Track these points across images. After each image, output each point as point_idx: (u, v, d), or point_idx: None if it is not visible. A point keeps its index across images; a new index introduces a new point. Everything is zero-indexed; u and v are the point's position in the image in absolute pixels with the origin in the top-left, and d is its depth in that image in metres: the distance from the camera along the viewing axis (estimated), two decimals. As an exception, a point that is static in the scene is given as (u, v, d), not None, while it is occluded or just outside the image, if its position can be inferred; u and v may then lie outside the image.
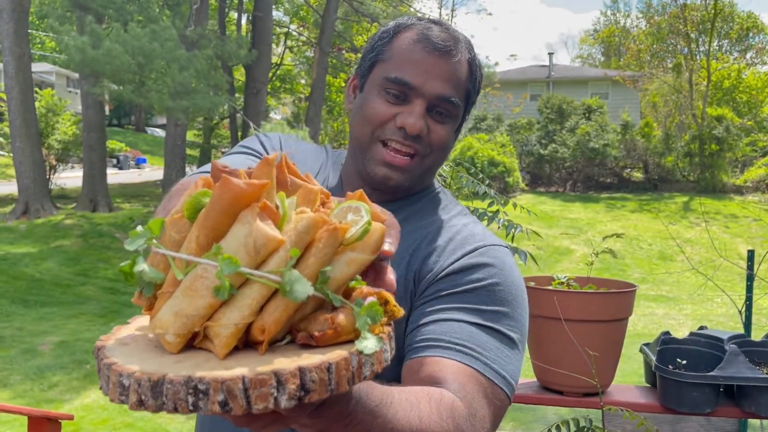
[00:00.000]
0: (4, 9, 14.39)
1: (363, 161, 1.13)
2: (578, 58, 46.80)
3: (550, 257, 13.95)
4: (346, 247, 0.64)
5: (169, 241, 0.62)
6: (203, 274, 0.58)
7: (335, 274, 0.63)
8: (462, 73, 1.12)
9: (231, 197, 0.59)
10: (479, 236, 1.11)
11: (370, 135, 1.11)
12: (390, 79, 1.10)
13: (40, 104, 16.76)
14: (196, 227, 0.60)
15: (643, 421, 1.73)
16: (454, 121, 1.15)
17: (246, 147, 1.23)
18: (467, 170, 2.50)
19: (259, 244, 0.58)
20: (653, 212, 17.69)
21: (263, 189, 0.60)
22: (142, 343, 0.64)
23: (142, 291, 0.64)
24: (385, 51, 1.14)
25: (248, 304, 0.59)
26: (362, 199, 0.68)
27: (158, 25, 13.47)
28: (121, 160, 26.76)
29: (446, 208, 1.19)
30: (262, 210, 0.59)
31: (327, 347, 0.61)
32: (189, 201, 0.62)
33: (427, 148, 1.11)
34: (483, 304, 1.01)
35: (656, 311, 10.55)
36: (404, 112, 1.09)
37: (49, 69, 32.06)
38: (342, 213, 0.67)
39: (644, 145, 20.74)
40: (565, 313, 1.87)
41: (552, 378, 1.98)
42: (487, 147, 19.00)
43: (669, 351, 1.97)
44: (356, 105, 1.17)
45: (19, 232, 13.68)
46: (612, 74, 26.61)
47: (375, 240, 0.64)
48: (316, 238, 0.61)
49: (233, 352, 0.60)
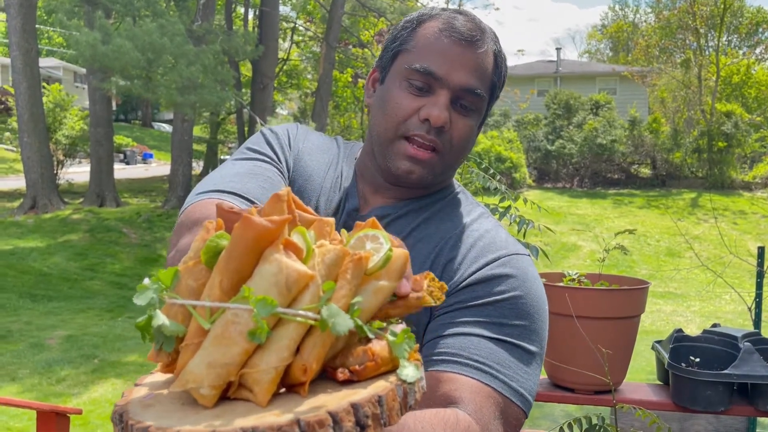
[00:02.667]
0: (12, 4, 14.42)
1: (384, 156, 1.09)
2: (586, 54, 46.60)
3: (557, 253, 13.91)
4: (370, 276, 0.62)
5: (186, 290, 0.59)
6: (234, 320, 0.56)
7: (364, 304, 0.61)
8: (488, 65, 1.09)
9: (254, 236, 0.56)
10: (501, 243, 1.07)
11: (393, 131, 1.07)
12: (414, 69, 1.06)
13: (47, 99, 16.80)
14: (217, 272, 0.57)
15: (655, 419, 1.71)
16: (477, 114, 1.11)
17: (253, 150, 1.17)
18: (478, 165, 2.47)
19: (291, 282, 0.56)
20: (661, 208, 17.61)
21: (285, 224, 0.58)
22: (166, 402, 0.61)
23: (161, 347, 0.60)
24: (409, 41, 1.10)
25: (286, 346, 0.57)
26: (375, 226, 0.67)
27: (166, 20, 13.48)
28: (128, 155, 26.82)
29: (468, 209, 1.15)
30: (285, 246, 0.57)
31: (367, 381, 0.60)
32: (206, 246, 0.59)
33: (448, 144, 1.07)
34: (504, 317, 0.98)
35: (664, 308, 10.51)
36: (428, 104, 1.05)
37: (56, 64, 32.14)
38: (359, 243, 0.65)
39: (652, 140, 20.63)
40: (577, 310, 1.85)
41: (563, 375, 1.96)
42: (494, 143, 18.94)
43: (682, 348, 1.95)
44: (377, 98, 1.13)
45: (27, 227, 13.73)
46: (620, 69, 26.47)
47: (399, 266, 0.63)
48: (342, 271, 0.59)
49: (272, 397, 0.58)
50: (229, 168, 1.13)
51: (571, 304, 1.85)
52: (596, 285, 1.99)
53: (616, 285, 2.00)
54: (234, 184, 1.07)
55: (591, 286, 1.98)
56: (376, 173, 1.14)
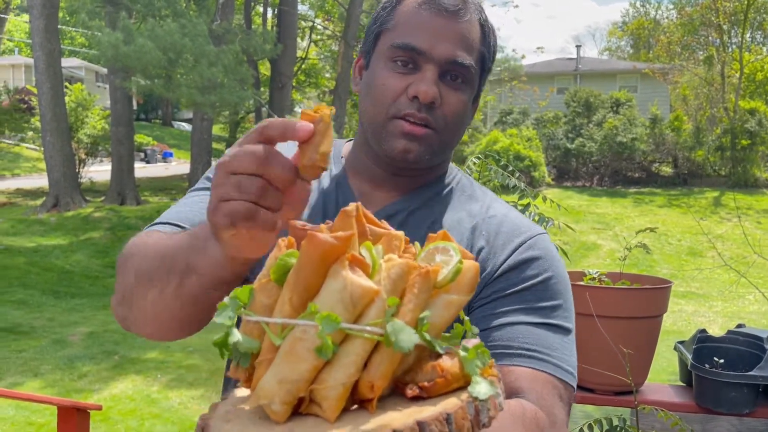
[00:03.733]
0: (35, 5, 14.62)
1: (378, 140, 1.05)
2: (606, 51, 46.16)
3: (577, 252, 13.79)
4: (440, 290, 0.61)
5: (260, 307, 0.61)
6: (302, 336, 0.57)
7: (434, 319, 0.60)
8: (474, 35, 1.05)
9: (321, 253, 0.57)
10: (523, 226, 1.08)
11: (384, 113, 1.03)
12: (396, 46, 1.02)
13: (69, 99, 17.01)
14: (287, 289, 0.59)
15: (677, 420, 1.68)
16: (470, 88, 1.06)
17: (209, 179, 1.11)
18: (496, 162, 2.45)
19: (356, 297, 0.56)
20: (683, 207, 17.39)
21: (350, 240, 0.58)
22: (244, 417, 0.62)
23: (238, 363, 0.62)
24: (389, 20, 1.06)
25: (353, 361, 0.57)
26: (446, 238, 0.66)
27: (188, 20, 13.58)
28: (149, 154, 27.07)
29: (477, 194, 1.14)
30: (351, 262, 0.58)
31: (437, 397, 0.59)
32: (276, 264, 0.61)
33: (442, 121, 1.03)
34: (541, 300, 1.01)
35: (686, 308, 10.37)
36: (415, 81, 1.01)
37: (78, 64, 32.52)
38: (429, 256, 0.65)
39: (674, 139, 20.38)
40: (598, 310, 1.82)
41: (584, 375, 1.94)
42: (513, 141, 18.84)
43: (705, 349, 1.92)
44: (364, 84, 1.09)
45: (49, 225, 13.92)
46: (641, 67, 26.17)
47: (469, 279, 0.62)
48: (409, 284, 0.59)
49: (341, 413, 0.59)
50: (183, 200, 1.13)
51: (591, 304, 1.82)
52: (617, 284, 1.97)
53: (638, 284, 1.97)
54: (179, 215, 1.06)
55: (612, 285, 1.96)
56: (373, 165, 1.10)
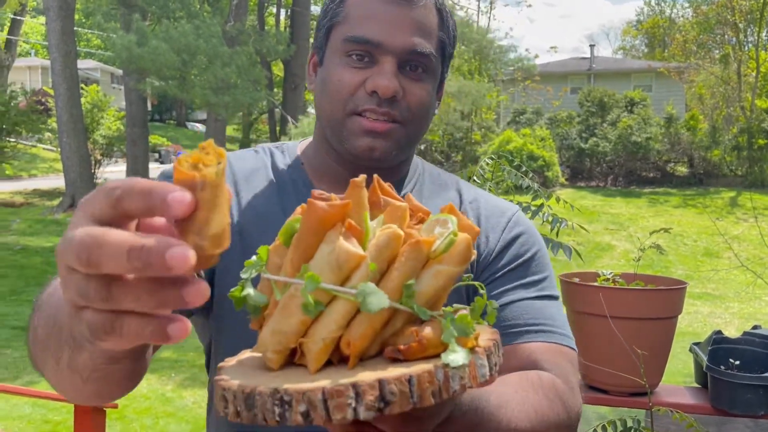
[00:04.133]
0: (51, 7, 14.77)
1: (339, 139, 1.00)
2: (621, 50, 45.85)
3: (591, 253, 13.71)
4: (433, 260, 0.63)
5: (273, 266, 0.66)
6: (295, 294, 0.61)
7: (422, 287, 0.63)
8: (431, 21, 1.00)
9: (317, 219, 0.61)
10: (503, 206, 1.12)
11: (341, 110, 0.98)
12: (349, 39, 0.97)
13: (85, 100, 17.18)
14: (290, 251, 0.63)
15: (692, 422, 1.67)
16: (432, 77, 1.02)
17: None
18: (509, 162, 2.45)
19: (342, 261, 0.60)
20: (698, 207, 17.23)
21: (346, 209, 0.61)
22: (254, 363, 0.68)
23: (252, 315, 0.68)
24: (340, 12, 1.01)
25: (334, 320, 0.61)
26: (452, 212, 0.68)
27: (201, 21, 13.67)
28: (163, 154, 27.26)
29: (444, 179, 1.15)
30: (347, 229, 0.61)
31: (415, 361, 0.61)
32: (284, 227, 0.66)
33: (406, 113, 0.98)
34: (534, 274, 1.05)
35: (701, 309, 10.28)
36: (373, 75, 0.96)
37: (94, 66, 32.84)
38: (430, 227, 0.67)
39: (689, 138, 20.20)
40: (612, 311, 1.81)
41: (597, 376, 1.93)
42: (527, 141, 18.76)
43: (721, 351, 1.90)
44: (319, 81, 1.03)
45: (66, 225, 14.04)
46: (656, 66, 25.98)
47: (460, 251, 0.64)
48: (400, 253, 0.62)
49: (327, 366, 0.63)
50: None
51: (605, 305, 1.81)
52: (631, 285, 1.95)
53: (652, 285, 1.96)
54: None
55: (626, 286, 1.95)
56: (337, 166, 1.05)
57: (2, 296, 9.39)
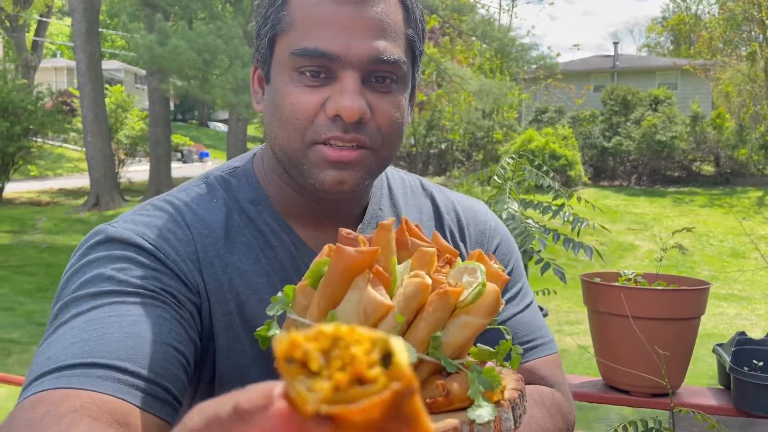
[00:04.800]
0: (77, 8, 14.99)
1: (301, 174, 0.84)
2: (645, 48, 45.28)
3: (614, 253, 13.57)
4: (461, 310, 0.62)
5: (299, 307, 0.65)
6: None
7: (449, 338, 0.62)
8: (395, 18, 0.83)
9: (345, 265, 0.60)
10: (475, 209, 1.08)
11: (300, 140, 0.82)
12: (299, 53, 0.80)
13: (109, 101, 17.42)
14: (317, 294, 0.63)
15: (714, 423, 1.64)
16: (402, 86, 0.86)
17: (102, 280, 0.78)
18: (530, 162, 2.43)
19: (369, 311, 0.59)
20: (725, 207, 16.96)
21: (375, 256, 0.60)
22: None
23: None
24: (282, 18, 0.83)
25: None
26: (480, 259, 0.67)
27: (223, 22, 13.78)
28: (185, 154, 27.53)
29: (414, 186, 1.06)
30: (374, 276, 0.60)
31: (440, 414, 0.60)
32: (312, 269, 0.64)
33: (377, 136, 0.83)
34: (515, 284, 1.03)
35: (727, 311, 10.12)
36: (333, 95, 0.80)
37: (118, 66, 33.27)
38: (458, 275, 0.66)
39: (716, 137, 19.89)
40: (633, 311, 1.79)
41: (618, 377, 1.91)
42: (549, 140, 18.62)
43: (744, 352, 1.87)
44: (268, 103, 0.87)
45: (90, 224, 14.28)
46: (681, 63, 25.61)
47: (489, 303, 0.63)
48: (427, 303, 0.61)
49: None
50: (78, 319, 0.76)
51: (627, 305, 1.79)
52: (653, 285, 1.93)
53: (675, 285, 1.93)
54: (103, 348, 0.73)
55: (648, 286, 1.92)
56: (300, 198, 0.90)
57: (29, 293, 9.57)
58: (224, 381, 0.87)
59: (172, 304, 0.78)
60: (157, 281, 0.78)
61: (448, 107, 20.00)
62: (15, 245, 12.26)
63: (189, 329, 0.79)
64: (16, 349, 6.90)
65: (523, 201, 2.29)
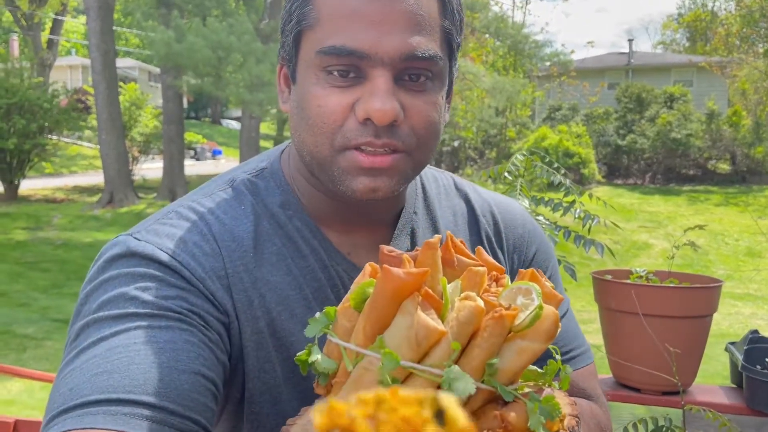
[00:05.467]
0: (91, 7, 15.11)
1: (332, 180, 0.79)
2: (660, 45, 44.89)
3: (628, 252, 13.47)
4: (517, 334, 0.60)
5: (341, 329, 0.62)
6: (369, 367, 0.58)
7: (505, 365, 0.59)
8: (429, 10, 0.77)
9: (393, 288, 0.57)
10: (512, 210, 1.02)
11: (329, 146, 0.77)
12: (326, 51, 0.75)
13: (124, 99, 17.54)
14: (362, 318, 0.60)
15: (726, 422, 1.62)
16: (439, 83, 0.80)
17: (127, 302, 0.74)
18: (542, 159, 2.42)
19: (421, 337, 0.56)
20: (741, 206, 16.79)
21: (424, 278, 0.58)
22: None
23: (318, 380, 0.65)
24: (308, 13, 0.78)
25: None
26: (534, 278, 0.64)
27: (236, 19, 13.83)
28: (199, 151, 27.67)
29: (445, 182, 1.01)
30: (424, 299, 0.58)
31: None
32: (355, 291, 0.62)
33: (412, 139, 0.78)
34: (556, 288, 1.01)
35: (743, 310, 10.02)
36: (363, 96, 0.75)
37: (132, 65, 33.49)
38: (511, 295, 0.63)
39: (732, 135, 19.68)
40: (644, 308, 1.78)
41: (629, 375, 1.90)
42: (563, 137, 18.52)
43: (757, 350, 1.85)
44: (294, 104, 0.82)
45: (105, 221, 14.39)
46: (697, 60, 25.36)
47: (547, 328, 0.60)
48: (482, 327, 0.58)
49: None
50: (96, 348, 0.72)
51: (638, 302, 1.78)
52: (665, 282, 1.91)
53: (687, 283, 1.92)
54: (127, 382, 0.68)
55: (659, 283, 1.91)
56: (332, 202, 0.86)
57: (44, 290, 9.66)
58: (254, 400, 0.83)
59: (199, 325, 0.74)
60: (183, 301, 0.74)
61: (461, 105, 19.95)
62: (30, 242, 12.39)
63: (218, 351, 0.75)
64: (31, 344, 6.98)
65: (534, 198, 2.28)
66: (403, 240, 0.92)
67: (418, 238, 0.93)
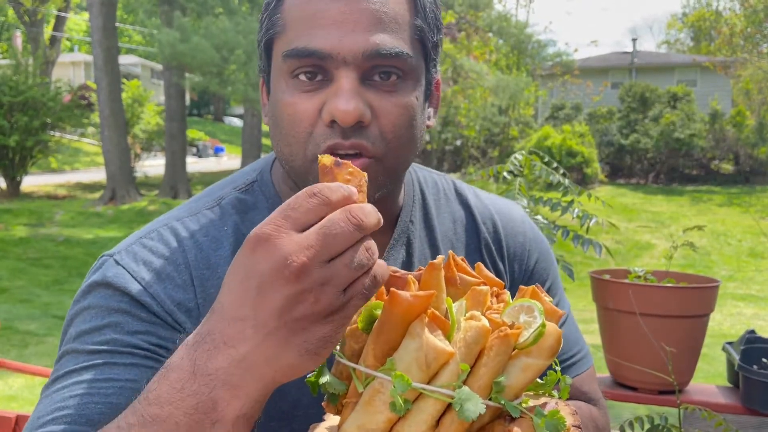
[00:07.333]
0: (94, 4, 15.13)
1: None
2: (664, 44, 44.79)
3: (630, 252, 13.46)
4: (521, 351, 0.62)
5: (350, 351, 0.64)
6: (380, 389, 0.59)
7: (510, 381, 0.61)
8: (395, 9, 0.76)
9: (401, 311, 0.59)
10: (513, 216, 1.01)
11: (302, 154, 0.77)
12: (290, 54, 0.75)
13: (126, 95, 17.56)
14: (371, 340, 0.61)
15: (721, 421, 1.63)
16: (412, 82, 0.78)
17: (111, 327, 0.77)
18: (541, 159, 2.42)
19: (430, 358, 0.58)
20: (743, 206, 16.75)
21: (430, 300, 0.59)
22: None
23: (329, 400, 0.66)
24: (277, 21, 0.78)
25: (424, 420, 0.59)
26: (534, 295, 0.66)
27: (240, 17, 13.84)
28: (201, 148, 27.71)
29: (444, 187, 1.00)
30: (430, 320, 0.59)
31: None
32: (363, 312, 0.64)
33: (379, 141, 0.76)
34: (556, 296, 1.00)
35: (744, 311, 10.00)
36: (329, 98, 0.75)
37: (135, 61, 33.53)
38: (514, 313, 0.65)
39: (735, 135, 19.64)
40: (641, 308, 1.78)
41: (626, 373, 1.90)
42: (566, 137, 18.49)
43: (754, 350, 1.85)
44: (269, 114, 0.82)
45: (106, 217, 14.42)
46: (701, 60, 25.30)
47: (551, 344, 0.62)
48: (488, 346, 0.60)
49: None
50: (83, 377, 0.77)
51: (635, 301, 1.78)
52: (662, 282, 1.92)
53: (684, 283, 1.92)
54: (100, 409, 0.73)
55: (657, 283, 1.91)
56: None
57: (46, 286, 9.69)
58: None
59: (165, 359, 0.72)
60: (152, 336, 0.76)
61: (464, 103, 19.93)
62: (32, 238, 12.42)
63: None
64: (33, 340, 7.00)
65: (533, 198, 2.28)
66: (399, 251, 0.90)
67: (414, 249, 0.92)
